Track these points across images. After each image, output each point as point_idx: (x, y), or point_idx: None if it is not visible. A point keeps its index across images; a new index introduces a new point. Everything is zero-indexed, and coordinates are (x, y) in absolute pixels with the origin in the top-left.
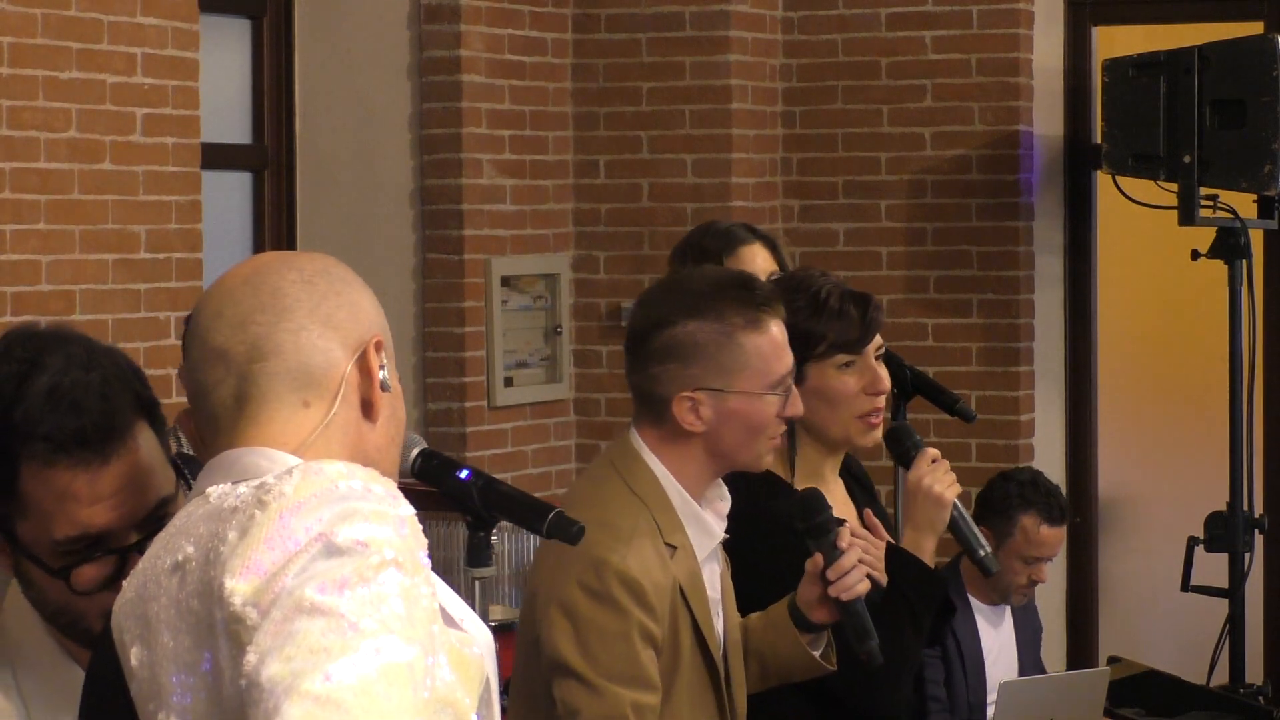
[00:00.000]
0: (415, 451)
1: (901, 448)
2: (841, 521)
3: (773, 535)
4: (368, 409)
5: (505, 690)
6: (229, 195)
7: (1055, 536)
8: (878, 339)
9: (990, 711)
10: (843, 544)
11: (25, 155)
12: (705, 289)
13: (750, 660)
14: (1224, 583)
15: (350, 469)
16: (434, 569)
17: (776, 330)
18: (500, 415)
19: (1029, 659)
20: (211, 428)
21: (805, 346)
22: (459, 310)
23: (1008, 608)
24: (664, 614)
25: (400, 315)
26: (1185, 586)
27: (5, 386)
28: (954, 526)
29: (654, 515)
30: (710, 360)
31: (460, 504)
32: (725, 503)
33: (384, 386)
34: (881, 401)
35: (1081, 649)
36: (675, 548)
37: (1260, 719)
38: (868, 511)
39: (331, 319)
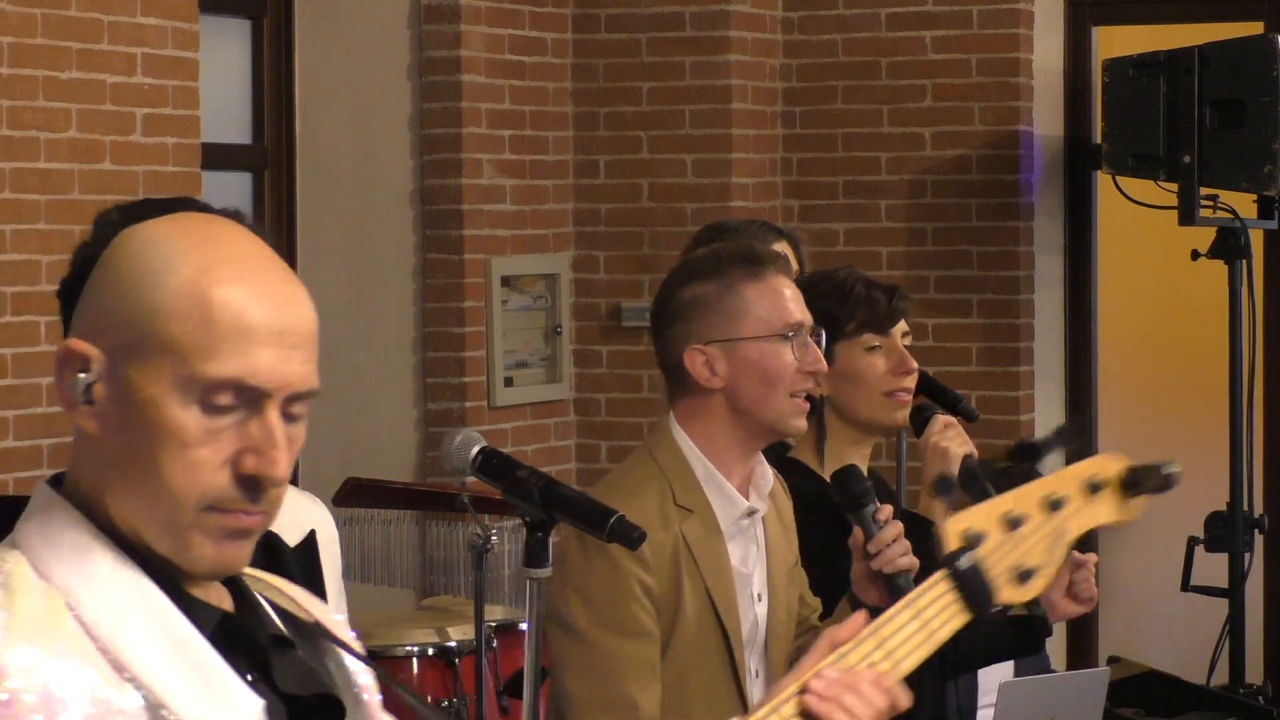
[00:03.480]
0: (476, 449)
1: (920, 418)
2: (873, 496)
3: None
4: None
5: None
6: (229, 195)
7: None
8: (903, 325)
9: (982, 715)
10: (881, 518)
11: (25, 155)
12: (707, 255)
13: None
14: (1224, 583)
15: None
16: (435, 569)
17: (779, 281)
18: (500, 415)
19: (1030, 657)
20: None
21: (833, 328)
22: (459, 310)
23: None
24: (661, 568)
25: (400, 315)
26: (1185, 586)
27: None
28: (965, 482)
29: (670, 480)
30: (713, 312)
31: (520, 503)
32: (766, 481)
33: (85, 398)
34: (910, 382)
35: (1081, 649)
36: (691, 511)
37: (1260, 719)
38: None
39: (96, 310)
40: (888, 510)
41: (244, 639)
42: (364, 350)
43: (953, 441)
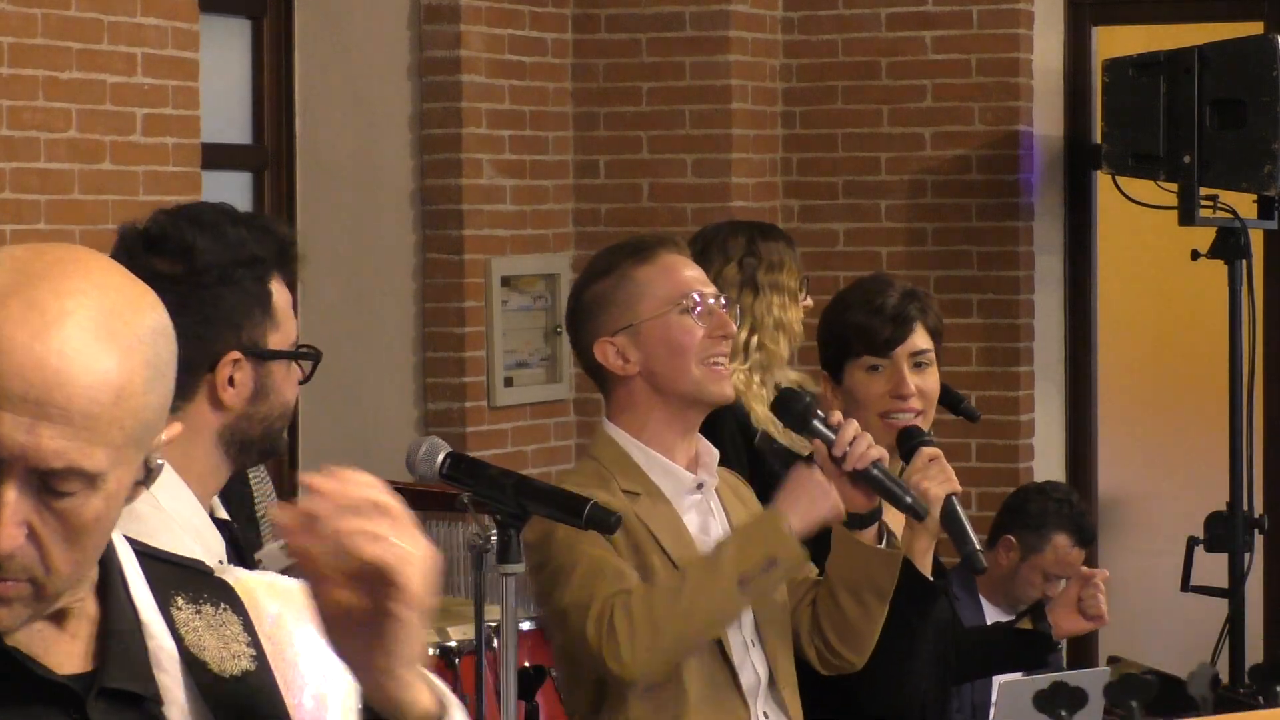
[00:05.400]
0: (443, 454)
1: (906, 447)
2: (817, 405)
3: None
4: None
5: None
6: (229, 195)
7: (1080, 558)
8: (918, 345)
9: (993, 712)
10: (834, 421)
11: (25, 155)
12: (601, 254)
13: (841, 594)
14: (1224, 583)
15: None
16: (435, 569)
17: (671, 260)
18: (500, 415)
19: None
20: None
21: (842, 346)
22: (459, 310)
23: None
24: (623, 550)
25: (400, 315)
26: (1185, 586)
27: (246, 236)
28: (946, 522)
29: (612, 473)
30: (613, 303)
31: (493, 502)
32: (712, 457)
33: None
34: (907, 404)
35: (1081, 649)
36: (637, 494)
37: None
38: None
39: None
40: (837, 414)
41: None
42: (364, 350)
43: (934, 480)
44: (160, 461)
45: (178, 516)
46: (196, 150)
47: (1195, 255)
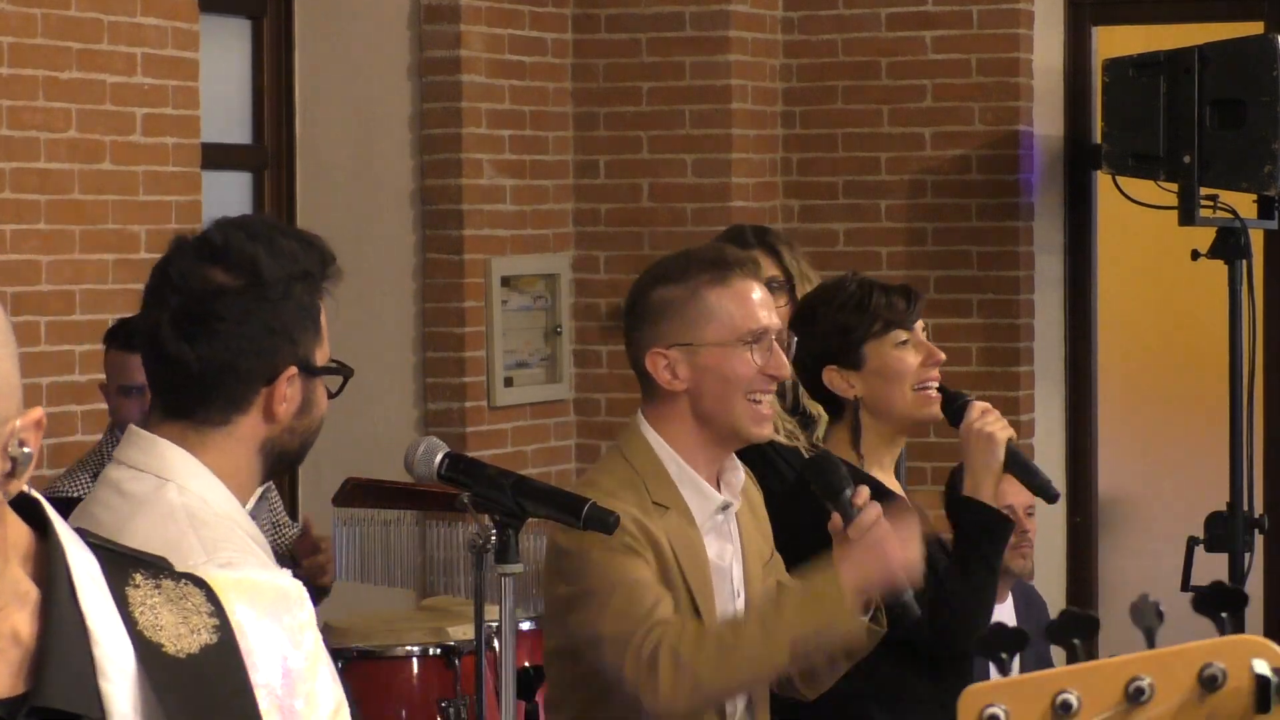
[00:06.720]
0: (440, 455)
1: (953, 407)
2: (849, 481)
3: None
4: None
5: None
6: (229, 195)
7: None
8: (921, 321)
9: None
10: (859, 501)
11: (25, 155)
12: (677, 258)
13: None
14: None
15: None
16: (435, 569)
17: (745, 286)
18: (500, 415)
19: (1031, 652)
20: None
21: (862, 329)
22: (459, 310)
23: (1009, 594)
24: (649, 551)
25: (400, 315)
26: (1185, 586)
27: (298, 250)
28: (1011, 464)
29: (644, 479)
30: (677, 316)
31: (492, 502)
32: (738, 478)
33: None
34: (937, 373)
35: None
36: (666, 508)
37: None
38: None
39: None
40: (865, 493)
41: None
42: (364, 350)
43: (994, 426)
44: (28, 451)
45: (230, 520)
46: (196, 150)
47: (1195, 255)
